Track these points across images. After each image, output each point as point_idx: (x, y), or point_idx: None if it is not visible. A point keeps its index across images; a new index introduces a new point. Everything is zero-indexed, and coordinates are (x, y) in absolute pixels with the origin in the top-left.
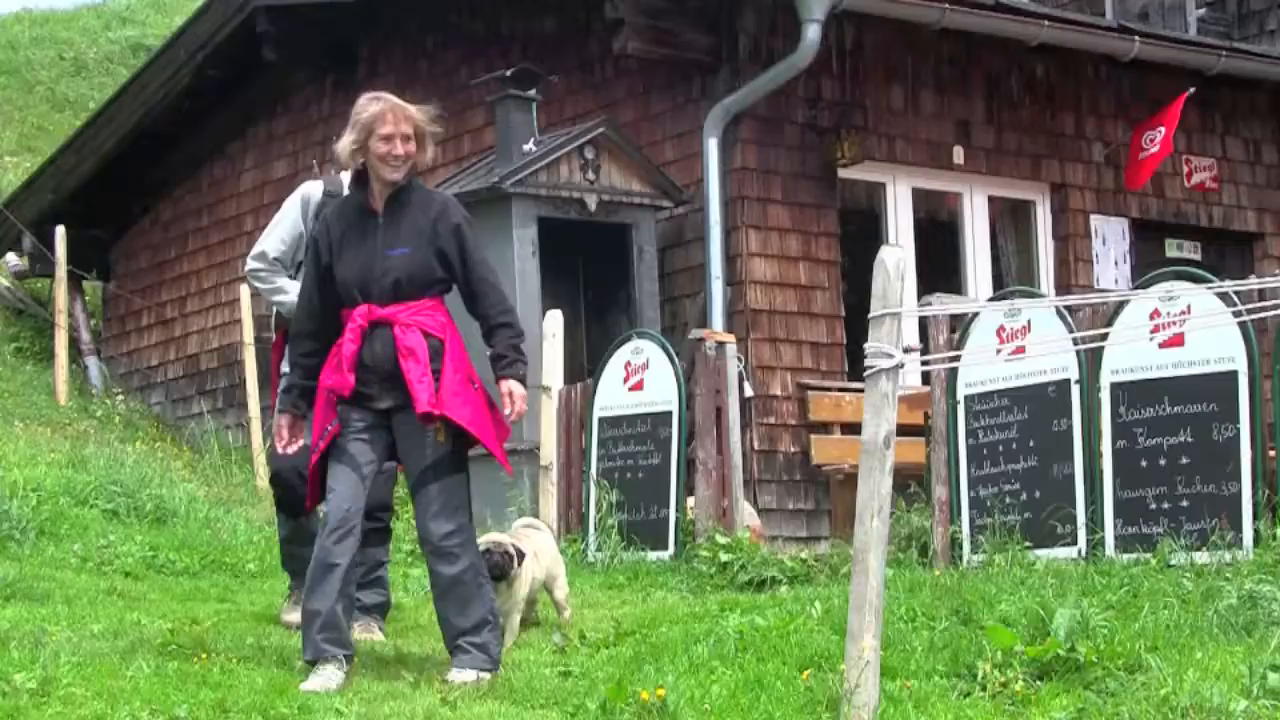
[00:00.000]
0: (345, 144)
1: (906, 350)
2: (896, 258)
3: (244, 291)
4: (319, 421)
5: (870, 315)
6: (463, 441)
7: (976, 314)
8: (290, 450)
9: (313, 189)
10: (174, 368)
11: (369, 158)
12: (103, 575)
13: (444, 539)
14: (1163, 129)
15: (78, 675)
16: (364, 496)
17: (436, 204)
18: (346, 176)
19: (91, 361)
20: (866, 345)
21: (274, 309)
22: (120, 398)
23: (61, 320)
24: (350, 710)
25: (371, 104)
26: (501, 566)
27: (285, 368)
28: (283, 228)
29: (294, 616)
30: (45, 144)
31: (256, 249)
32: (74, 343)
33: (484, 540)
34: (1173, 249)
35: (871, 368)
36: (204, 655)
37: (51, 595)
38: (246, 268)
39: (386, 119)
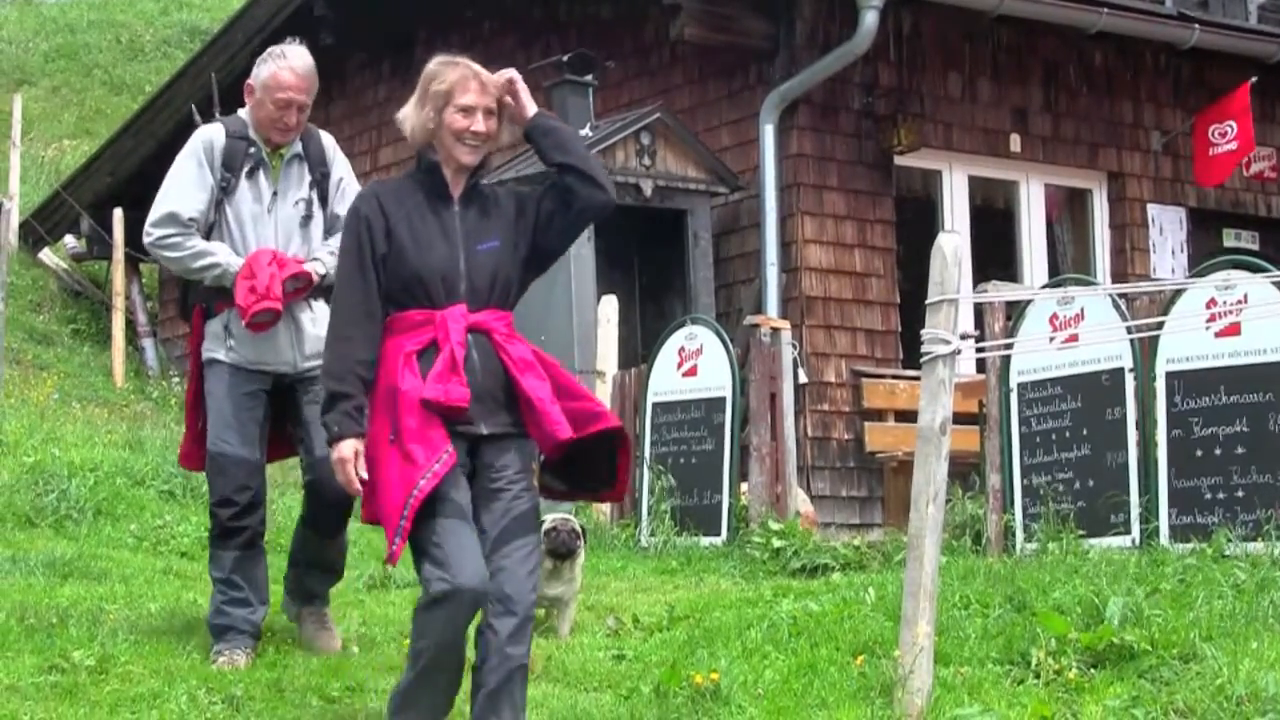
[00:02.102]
0: (415, 117)
1: (963, 337)
2: (954, 244)
3: None
4: (418, 445)
5: (927, 301)
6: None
7: (1030, 302)
8: (358, 492)
9: (213, 133)
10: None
11: (441, 134)
12: (159, 555)
13: (529, 610)
14: (1234, 124)
15: (135, 654)
16: (483, 557)
17: (507, 196)
18: (245, 113)
19: (148, 344)
20: (923, 331)
21: (190, 282)
22: (176, 380)
23: (119, 303)
24: None
25: (448, 69)
26: (568, 545)
27: (220, 354)
28: (190, 182)
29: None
30: (103, 127)
31: (159, 212)
32: (131, 325)
33: (548, 519)
34: (1230, 239)
35: (928, 354)
36: (259, 636)
37: (109, 574)
38: (150, 238)
39: (469, 86)
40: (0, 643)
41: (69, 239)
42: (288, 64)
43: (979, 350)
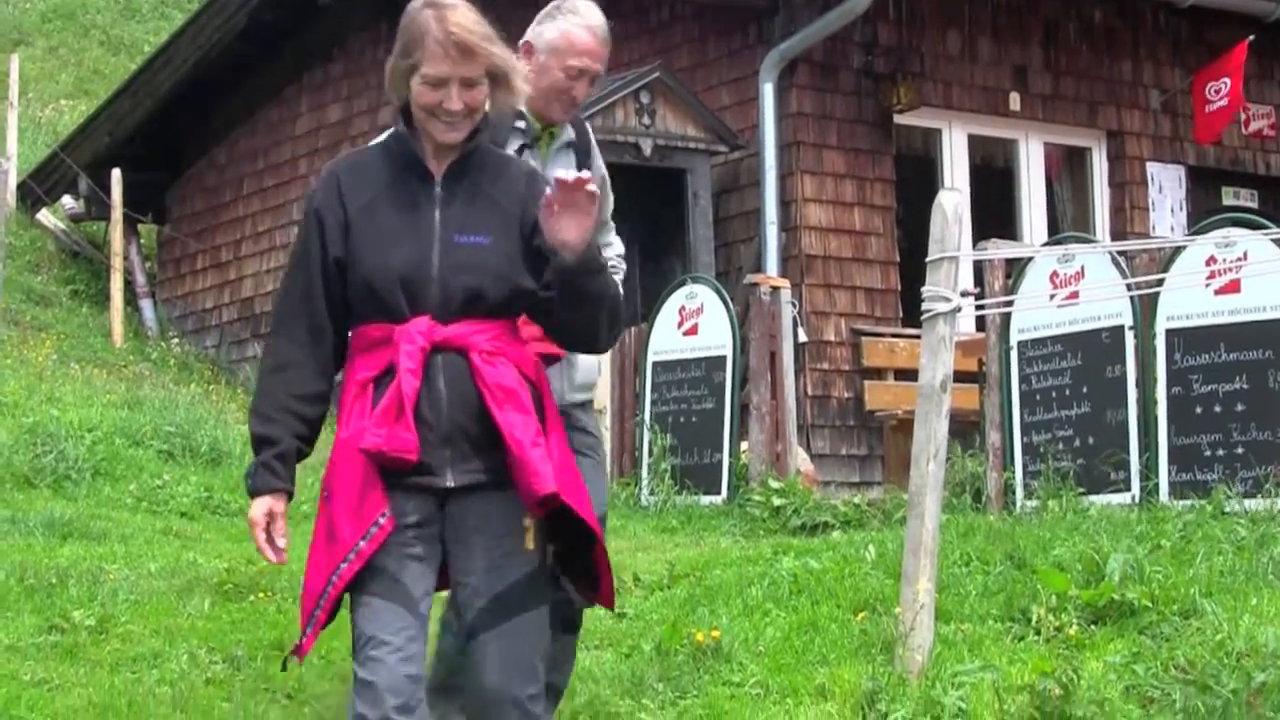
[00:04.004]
0: (389, 70)
1: (963, 294)
2: (954, 202)
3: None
4: (345, 514)
5: (928, 259)
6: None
7: (1031, 259)
8: (281, 560)
9: None
10: (228, 311)
11: (412, 104)
12: (158, 515)
13: (529, 703)
14: (1228, 80)
15: (135, 613)
16: (423, 658)
17: (517, 172)
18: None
19: (146, 304)
20: (924, 289)
21: None
22: (175, 340)
23: (117, 263)
24: None
25: (415, 24)
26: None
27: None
28: None
29: None
30: (101, 87)
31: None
32: (129, 286)
33: None
34: (1229, 197)
35: (928, 311)
36: (260, 595)
37: (108, 534)
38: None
39: (438, 53)
40: (0, 602)
41: (67, 200)
42: (583, 21)
43: (979, 308)
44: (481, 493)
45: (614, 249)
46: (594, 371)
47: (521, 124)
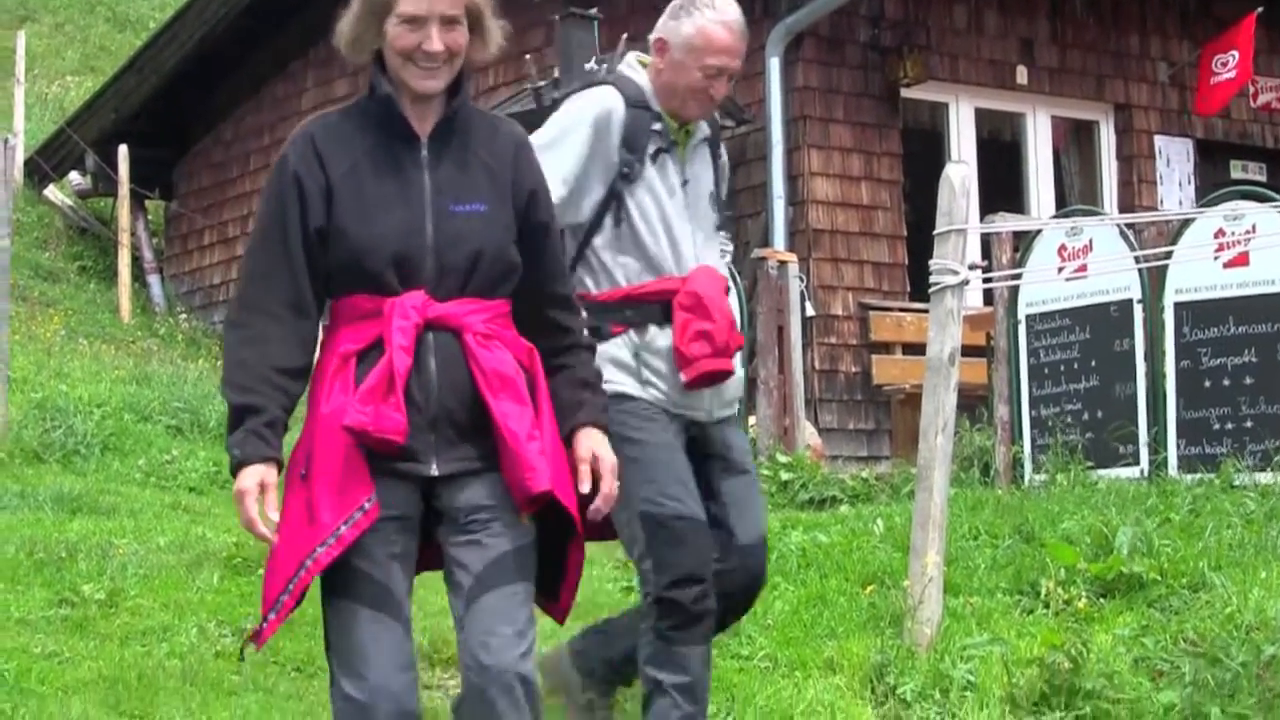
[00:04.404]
0: (345, 26)
1: (971, 267)
2: (962, 174)
3: None
4: (326, 494)
5: (935, 232)
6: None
7: (1039, 233)
8: (271, 535)
9: (611, 101)
10: (236, 287)
11: (385, 52)
12: (166, 490)
13: (519, 663)
14: (1235, 53)
15: (145, 587)
16: (414, 666)
17: (507, 135)
18: (641, 76)
19: (154, 280)
20: (932, 262)
21: None
22: (183, 316)
23: (125, 239)
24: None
25: None
26: None
27: (633, 388)
28: (574, 148)
29: None
30: (107, 63)
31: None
32: (137, 262)
33: None
34: (1238, 170)
35: (936, 284)
36: None
37: (117, 509)
38: None
39: None
40: (10, 576)
41: (74, 176)
42: (720, 17)
43: (986, 281)
44: (471, 477)
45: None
46: (741, 386)
47: (658, 125)
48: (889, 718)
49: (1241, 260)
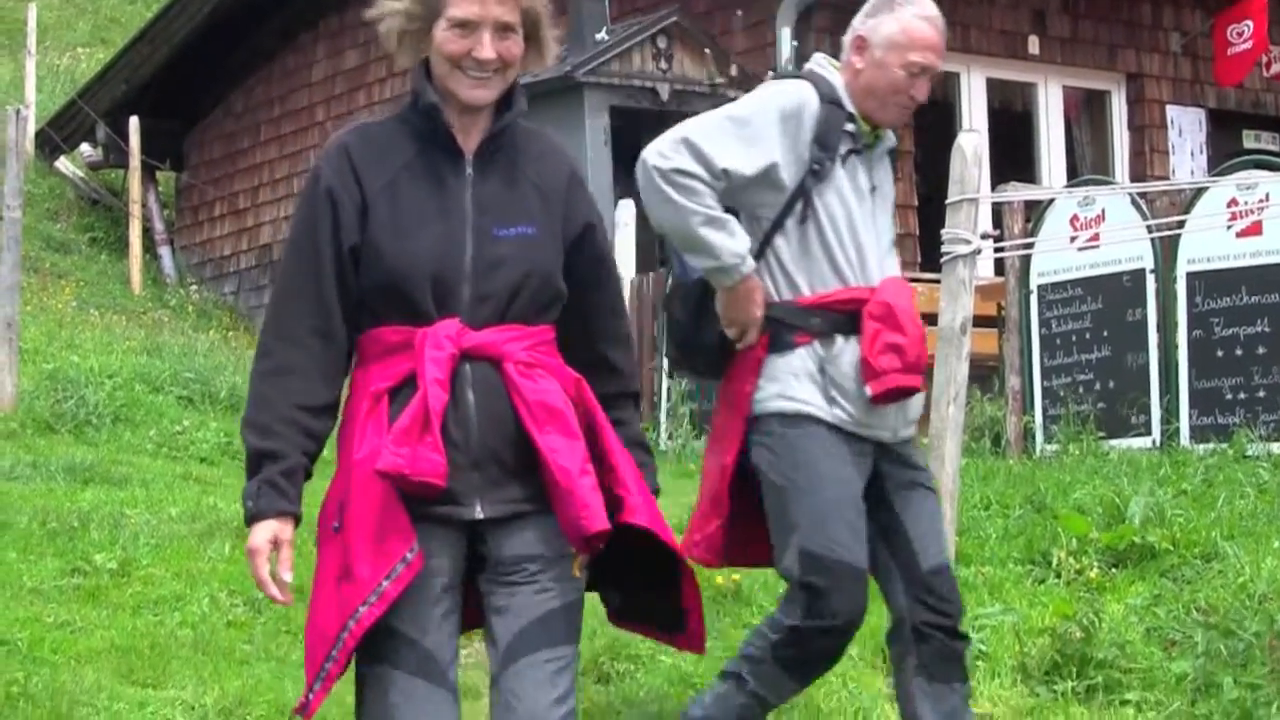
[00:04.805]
0: (393, 24)
1: (983, 237)
2: (974, 143)
3: None
4: (364, 547)
5: (947, 201)
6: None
7: (1051, 202)
8: (287, 600)
9: (805, 94)
10: (247, 258)
11: (433, 58)
12: (178, 461)
13: None
14: (1250, 23)
15: (156, 557)
16: None
17: (559, 160)
18: (833, 74)
19: (165, 251)
20: (943, 231)
21: (667, 256)
22: (194, 287)
23: (135, 210)
24: None
25: None
26: None
27: (816, 408)
28: (751, 137)
29: None
30: (118, 35)
31: (688, 140)
32: (148, 233)
33: None
34: (1250, 140)
35: (948, 254)
36: None
37: (129, 480)
38: (662, 161)
39: None
40: (23, 546)
41: (85, 147)
42: (921, 12)
43: (998, 250)
44: (520, 521)
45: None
46: (922, 402)
47: (851, 126)
48: None
49: (1254, 230)
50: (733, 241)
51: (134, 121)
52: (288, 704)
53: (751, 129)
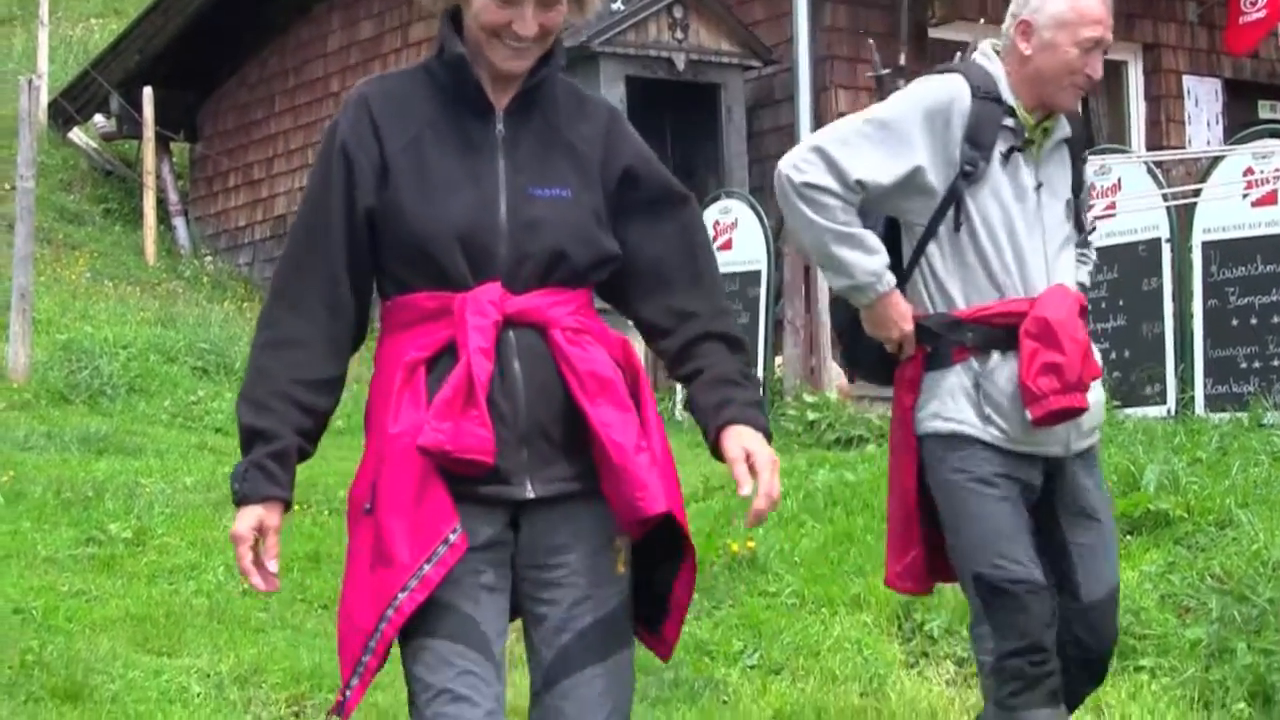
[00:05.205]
0: None
1: None
2: None
3: None
4: (402, 528)
5: None
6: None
7: None
8: (273, 587)
9: (956, 89)
10: (261, 229)
11: (465, 15)
12: (192, 431)
13: None
14: None
15: (171, 526)
16: (504, 712)
17: (596, 111)
18: (991, 62)
19: (179, 222)
20: None
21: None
22: (208, 258)
23: (150, 181)
24: None
25: None
26: None
27: (972, 427)
28: (890, 142)
29: None
30: (131, 5)
31: (822, 149)
32: (162, 204)
33: None
34: (1266, 110)
35: None
36: (295, 507)
37: (143, 449)
38: (796, 173)
39: None
40: (38, 516)
41: (99, 118)
42: None
43: None
44: (567, 505)
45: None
46: (1102, 411)
47: (1010, 121)
48: (916, 654)
49: (1270, 199)
50: (867, 260)
51: (148, 92)
52: (302, 672)
53: (893, 132)
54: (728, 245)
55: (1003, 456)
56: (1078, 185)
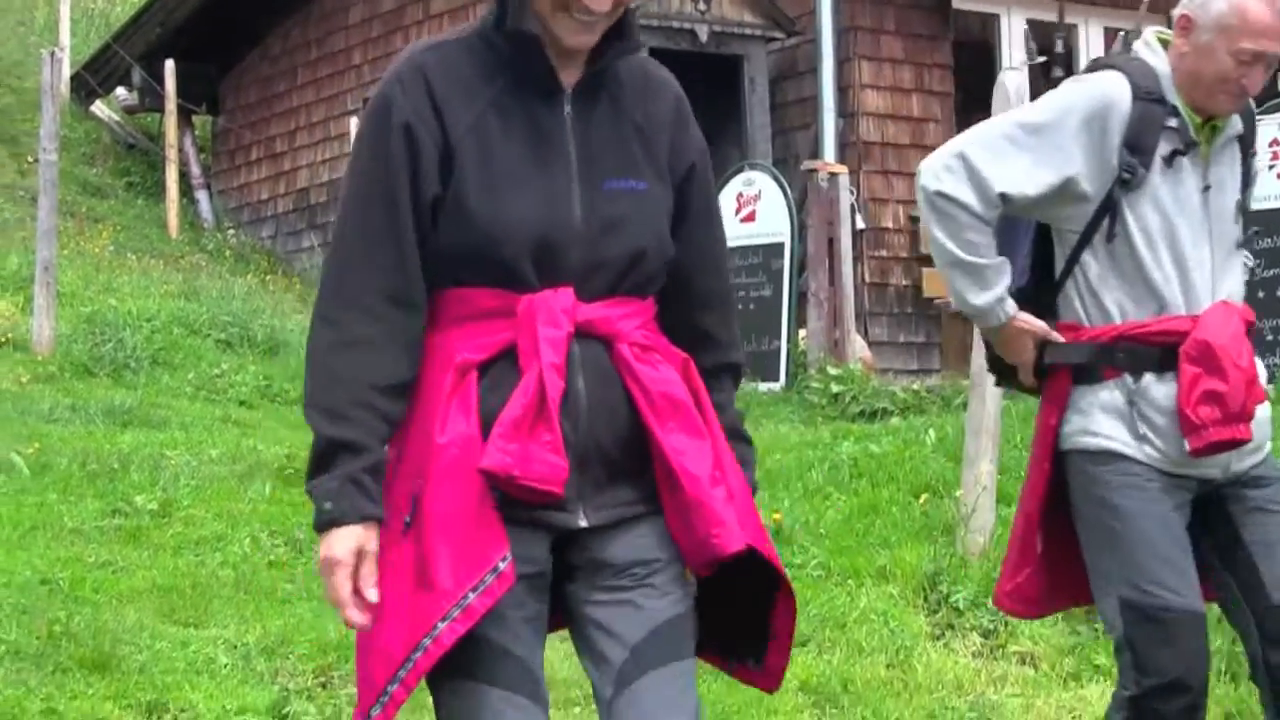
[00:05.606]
0: None
1: None
2: (1016, 81)
3: (353, 125)
4: (447, 551)
5: None
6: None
7: None
8: (368, 623)
9: (1115, 89)
10: (283, 201)
11: None
12: (216, 404)
13: None
14: None
15: (197, 498)
16: None
17: (664, 90)
18: (1157, 59)
19: (202, 195)
20: None
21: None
22: (231, 231)
23: (172, 155)
24: None
25: None
26: None
27: (1125, 445)
28: (1037, 149)
29: None
30: None
31: (969, 160)
32: (184, 177)
33: None
34: None
35: None
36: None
37: (168, 422)
38: (934, 182)
39: None
40: (64, 488)
41: (121, 91)
42: None
43: None
44: (626, 524)
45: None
46: (1268, 426)
47: (1174, 121)
48: (941, 625)
49: None
50: (978, 295)
51: (169, 65)
52: (329, 643)
53: (1046, 138)
54: (751, 217)
55: (1158, 474)
56: (1246, 182)
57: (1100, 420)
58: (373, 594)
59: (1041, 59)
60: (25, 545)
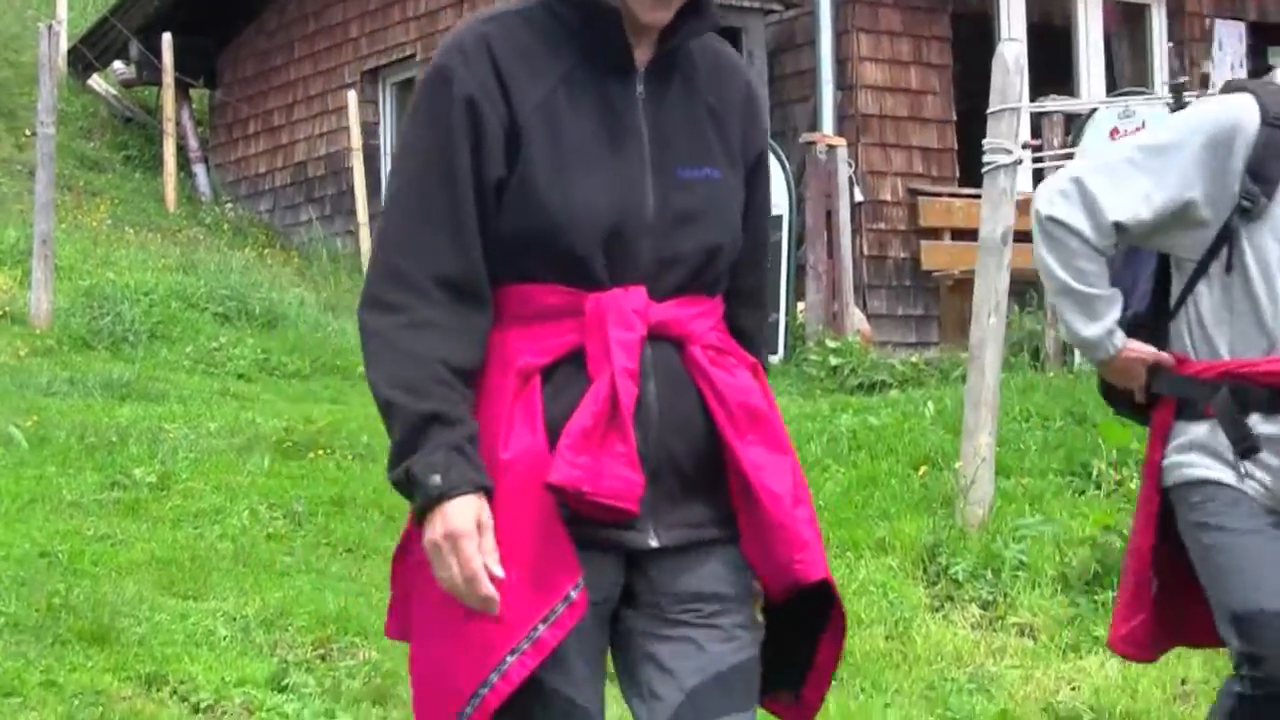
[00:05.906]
0: None
1: (1024, 146)
2: (1015, 52)
3: (351, 98)
4: (514, 577)
5: (989, 110)
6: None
7: (1091, 114)
8: (497, 596)
9: (1243, 114)
10: (281, 175)
11: None
12: (215, 377)
13: None
14: None
15: (195, 470)
16: None
17: (735, 73)
18: None
19: (199, 169)
20: (985, 141)
21: None
22: (228, 205)
23: (169, 128)
24: None
25: None
26: None
27: (1226, 475)
28: (1161, 173)
29: None
30: None
31: (1085, 186)
32: (182, 151)
33: None
34: (1276, 56)
35: (990, 164)
36: (319, 452)
37: (167, 395)
38: (1048, 207)
39: None
40: (62, 460)
41: (118, 65)
42: None
43: (1037, 161)
44: (696, 551)
45: None
46: None
47: None
48: (941, 597)
49: None
50: (1085, 326)
51: (167, 38)
52: (328, 615)
53: (1167, 160)
54: None
55: (1263, 509)
56: None
57: (1199, 456)
58: (500, 570)
59: (1183, 79)
60: (24, 518)
